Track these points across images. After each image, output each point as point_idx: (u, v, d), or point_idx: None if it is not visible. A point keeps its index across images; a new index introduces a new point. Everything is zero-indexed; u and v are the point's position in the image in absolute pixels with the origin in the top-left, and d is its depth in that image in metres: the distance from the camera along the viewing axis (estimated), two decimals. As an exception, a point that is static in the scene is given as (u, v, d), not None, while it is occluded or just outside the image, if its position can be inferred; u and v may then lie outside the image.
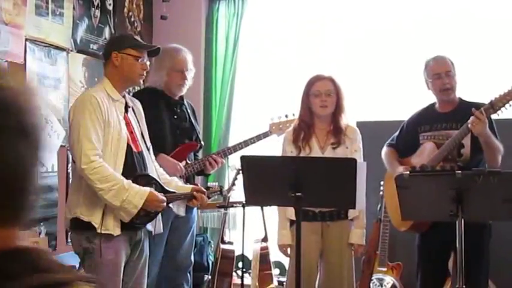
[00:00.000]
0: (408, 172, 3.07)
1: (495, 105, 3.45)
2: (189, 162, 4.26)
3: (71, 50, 4.83)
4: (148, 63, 3.42)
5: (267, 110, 5.48)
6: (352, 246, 3.81)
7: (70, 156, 3.35)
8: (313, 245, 3.72)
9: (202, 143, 4.47)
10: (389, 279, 4.58)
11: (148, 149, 3.47)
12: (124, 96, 3.40)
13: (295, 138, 3.84)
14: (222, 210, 4.96)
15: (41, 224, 4.43)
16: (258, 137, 4.38)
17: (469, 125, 3.49)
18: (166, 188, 3.39)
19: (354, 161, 3.04)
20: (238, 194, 4.60)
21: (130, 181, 3.18)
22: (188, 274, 4.37)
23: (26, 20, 4.31)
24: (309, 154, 3.77)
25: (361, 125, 5.11)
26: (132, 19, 5.70)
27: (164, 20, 5.74)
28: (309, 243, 3.53)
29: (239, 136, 5.60)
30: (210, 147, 5.74)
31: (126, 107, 3.40)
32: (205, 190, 3.49)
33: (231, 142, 5.72)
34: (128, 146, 3.28)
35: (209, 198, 3.59)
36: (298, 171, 2.95)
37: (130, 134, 3.34)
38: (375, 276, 4.56)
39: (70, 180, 3.62)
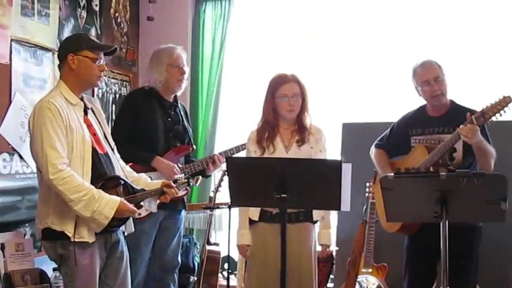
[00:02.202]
0: (393, 174, 3.06)
1: (486, 114, 3.41)
2: (180, 166, 4.25)
3: (57, 51, 4.80)
4: (104, 63, 3.32)
5: (253, 111, 5.48)
6: (317, 248, 3.77)
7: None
8: (277, 247, 3.58)
9: (194, 146, 4.47)
10: (374, 281, 4.59)
11: (112, 149, 3.40)
12: (82, 98, 3.31)
13: (259, 139, 3.77)
14: (208, 211, 4.96)
15: (26, 225, 4.40)
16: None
17: (460, 135, 3.46)
18: (136, 187, 3.34)
19: (339, 162, 3.04)
20: (224, 195, 4.60)
21: (100, 190, 3.11)
22: (175, 275, 4.38)
23: (12, 21, 4.29)
24: (272, 153, 3.70)
25: (347, 126, 5.16)
26: (119, 20, 5.68)
27: (151, 21, 5.74)
28: (272, 245, 3.49)
29: (225, 137, 5.62)
30: (197, 147, 5.74)
31: (85, 109, 3.31)
32: (173, 184, 3.43)
33: (218, 143, 5.73)
34: (93, 148, 3.20)
35: (178, 190, 3.54)
36: (283, 172, 2.95)
37: (93, 136, 3.26)
38: (360, 278, 4.58)
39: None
